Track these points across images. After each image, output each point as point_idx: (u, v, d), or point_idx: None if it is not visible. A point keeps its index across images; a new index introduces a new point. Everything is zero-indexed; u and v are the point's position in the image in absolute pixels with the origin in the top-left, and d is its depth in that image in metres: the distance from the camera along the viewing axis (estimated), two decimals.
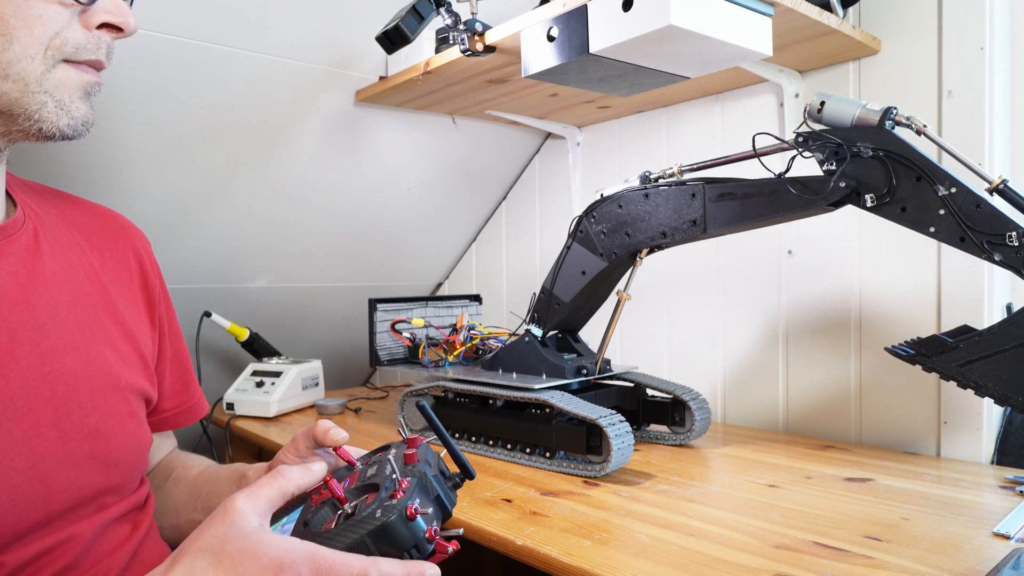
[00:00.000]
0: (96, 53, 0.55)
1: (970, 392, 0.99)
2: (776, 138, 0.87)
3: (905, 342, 0.81)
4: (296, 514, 0.53)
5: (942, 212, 0.75)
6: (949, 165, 0.78)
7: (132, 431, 0.66)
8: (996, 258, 0.72)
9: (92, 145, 1.19)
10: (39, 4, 0.51)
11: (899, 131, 0.78)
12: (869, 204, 0.80)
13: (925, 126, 0.75)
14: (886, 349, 0.81)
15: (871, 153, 0.77)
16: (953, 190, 0.74)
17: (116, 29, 0.56)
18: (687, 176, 0.97)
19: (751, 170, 0.95)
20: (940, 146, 0.78)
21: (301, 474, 0.53)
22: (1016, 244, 0.71)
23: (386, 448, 0.61)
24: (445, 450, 0.57)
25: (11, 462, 0.54)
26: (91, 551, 0.61)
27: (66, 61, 0.53)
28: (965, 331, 0.80)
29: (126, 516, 0.66)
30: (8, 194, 0.65)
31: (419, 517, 0.46)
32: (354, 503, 0.50)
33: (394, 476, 0.50)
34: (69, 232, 0.67)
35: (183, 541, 0.47)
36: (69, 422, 0.59)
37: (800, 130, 0.81)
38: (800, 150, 0.82)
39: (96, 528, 0.62)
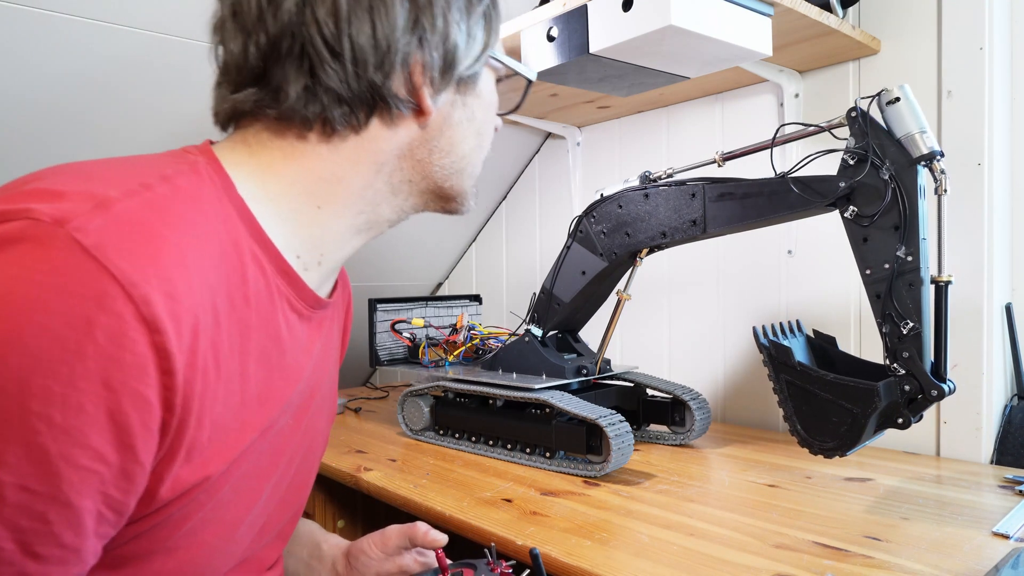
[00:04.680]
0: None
1: (969, 392, 1.02)
2: (803, 124, 0.87)
3: (775, 330, 0.86)
4: None
5: (887, 267, 0.77)
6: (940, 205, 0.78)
7: (312, 483, 0.68)
8: (884, 329, 0.77)
9: (96, 143, 1.19)
10: (496, 117, 0.62)
11: (924, 176, 0.77)
12: (848, 215, 0.80)
13: (946, 191, 0.75)
14: (754, 328, 0.85)
15: (887, 176, 0.77)
16: (909, 258, 0.76)
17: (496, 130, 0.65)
18: (728, 164, 0.97)
19: (758, 169, 0.95)
20: (940, 218, 0.77)
21: None
22: (905, 333, 0.76)
23: (472, 566, 0.61)
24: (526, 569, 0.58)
25: (254, 520, 0.56)
26: None
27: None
28: (828, 341, 0.90)
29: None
30: None
31: None
32: None
33: None
34: (338, 286, 0.68)
35: None
36: (296, 479, 0.61)
37: (860, 106, 0.79)
38: (834, 131, 0.82)
39: None
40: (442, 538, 0.68)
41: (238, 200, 0.49)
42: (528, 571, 0.58)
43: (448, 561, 0.64)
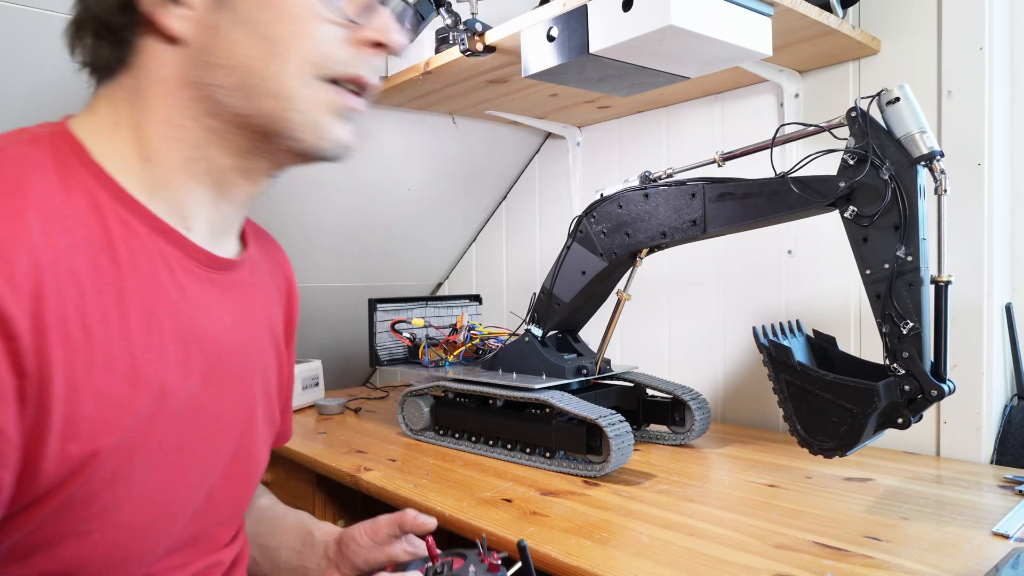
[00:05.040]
0: (353, 68, 0.53)
1: (969, 392, 1.03)
2: (803, 124, 0.87)
3: (775, 330, 0.86)
4: None
5: (886, 267, 0.77)
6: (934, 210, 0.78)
7: (263, 460, 0.67)
8: (883, 329, 0.77)
9: None
10: (313, 23, 0.51)
11: (924, 176, 0.77)
12: (848, 215, 0.80)
13: (946, 191, 0.75)
14: (754, 328, 0.85)
15: (887, 176, 0.77)
16: (909, 259, 0.76)
17: (381, 46, 0.54)
18: (728, 164, 0.97)
19: (758, 169, 0.95)
20: (940, 218, 0.77)
21: None
22: (905, 332, 0.76)
23: (462, 556, 0.61)
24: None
25: (202, 474, 0.55)
26: None
27: (324, 80, 0.52)
28: (828, 341, 0.91)
29: (239, 553, 0.67)
30: None
31: None
32: None
33: None
34: (262, 261, 0.68)
35: None
36: (240, 445, 0.60)
37: (860, 106, 0.79)
38: (834, 131, 0.82)
39: (233, 555, 0.63)
40: (431, 521, 0.67)
41: (93, 166, 0.48)
42: (518, 565, 0.58)
43: (438, 551, 0.63)
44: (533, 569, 0.57)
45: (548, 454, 1.01)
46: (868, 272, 0.79)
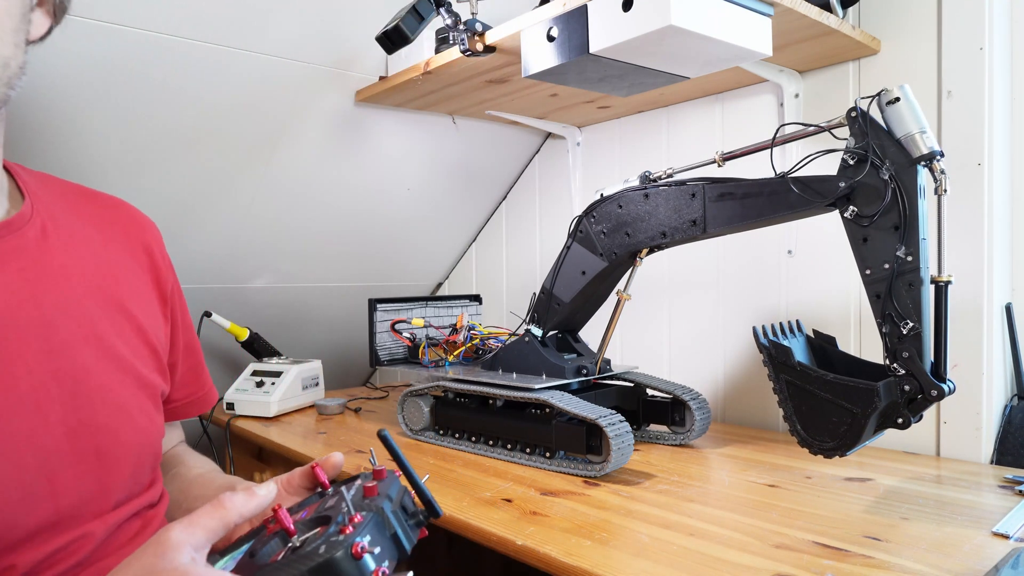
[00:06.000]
0: None
1: (969, 392, 1.03)
2: (803, 124, 0.87)
3: (775, 330, 0.86)
4: (247, 547, 0.50)
5: (886, 267, 0.77)
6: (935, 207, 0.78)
7: (141, 426, 0.65)
8: (884, 329, 0.77)
9: (91, 144, 1.19)
10: None
11: (924, 176, 0.77)
12: (848, 215, 0.80)
13: (946, 191, 0.75)
14: (754, 328, 0.85)
15: (887, 176, 0.77)
16: (909, 258, 0.76)
17: None
18: (728, 164, 0.96)
19: (758, 169, 0.95)
20: (939, 218, 0.76)
21: (244, 501, 0.49)
22: (905, 332, 0.75)
23: (356, 476, 0.59)
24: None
25: (19, 459, 0.54)
26: (101, 548, 0.61)
27: None
28: (828, 341, 0.91)
29: (138, 514, 0.66)
30: (19, 188, 0.65)
31: (366, 556, 0.43)
32: (304, 536, 0.47)
33: (347, 510, 0.47)
34: (80, 225, 0.67)
35: (115, 567, 0.45)
36: (76, 419, 0.59)
37: (860, 106, 0.79)
38: (834, 131, 0.82)
39: (109, 526, 0.62)
40: (334, 456, 0.62)
41: None
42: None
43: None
44: (400, 453, 0.54)
45: (548, 454, 1.01)
46: (868, 272, 0.79)
